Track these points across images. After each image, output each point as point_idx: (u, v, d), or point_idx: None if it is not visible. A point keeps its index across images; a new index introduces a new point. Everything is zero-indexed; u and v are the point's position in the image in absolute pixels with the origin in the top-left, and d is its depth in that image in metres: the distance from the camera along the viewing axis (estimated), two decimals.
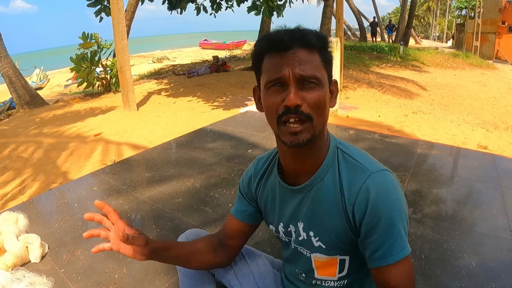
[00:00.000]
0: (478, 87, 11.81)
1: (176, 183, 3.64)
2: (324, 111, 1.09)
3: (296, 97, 1.02)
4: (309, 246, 1.26)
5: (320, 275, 1.31)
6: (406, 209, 1.11)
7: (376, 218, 1.06)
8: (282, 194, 1.30)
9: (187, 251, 1.45)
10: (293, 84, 1.03)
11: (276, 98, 1.06)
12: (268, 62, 1.08)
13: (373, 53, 17.70)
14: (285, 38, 1.05)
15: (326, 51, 1.10)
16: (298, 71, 1.03)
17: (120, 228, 1.20)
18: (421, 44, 35.64)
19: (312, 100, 1.04)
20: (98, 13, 9.55)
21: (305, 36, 1.05)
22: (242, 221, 1.47)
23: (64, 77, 21.25)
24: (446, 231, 2.69)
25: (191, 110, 7.63)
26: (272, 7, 9.33)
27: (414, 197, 3.23)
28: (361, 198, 1.08)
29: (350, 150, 1.20)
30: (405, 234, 1.10)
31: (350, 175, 1.13)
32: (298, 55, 1.04)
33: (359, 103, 7.80)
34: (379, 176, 1.09)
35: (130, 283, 2.23)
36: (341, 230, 1.15)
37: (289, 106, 1.03)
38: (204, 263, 1.48)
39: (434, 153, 4.39)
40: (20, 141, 6.48)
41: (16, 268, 2.34)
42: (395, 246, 1.07)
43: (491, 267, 2.30)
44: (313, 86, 1.05)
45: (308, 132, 1.06)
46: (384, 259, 1.08)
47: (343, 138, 4.85)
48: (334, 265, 1.26)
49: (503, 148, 5.34)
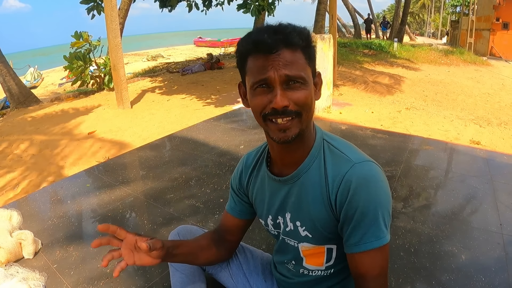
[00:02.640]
0: (472, 83, 11.86)
1: (168, 179, 3.65)
2: (311, 106, 1.11)
3: (282, 99, 1.04)
4: (296, 236, 1.29)
5: (308, 264, 1.33)
6: (387, 201, 1.12)
7: (354, 207, 1.09)
8: (271, 186, 1.32)
9: (193, 247, 1.48)
10: (278, 85, 1.05)
11: (262, 99, 1.08)
12: (252, 63, 1.09)
13: (367, 50, 17.71)
14: (269, 40, 1.05)
15: (309, 48, 1.11)
16: (283, 72, 1.04)
17: (131, 241, 1.21)
18: (416, 41, 35.76)
19: (299, 99, 1.07)
20: (90, 10, 9.52)
21: (288, 36, 1.06)
22: (237, 217, 1.51)
23: (58, 76, 21.16)
24: (436, 225, 2.72)
25: (184, 108, 7.62)
26: (263, 5, 9.30)
27: (405, 192, 3.25)
28: (343, 187, 1.10)
29: (336, 142, 1.22)
30: (384, 225, 1.10)
31: (334, 165, 1.15)
32: (283, 56, 1.05)
33: (353, 100, 7.81)
34: (361, 167, 1.11)
35: (122, 277, 2.25)
36: (326, 219, 1.18)
37: (276, 108, 1.05)
38: (209, 258, 1.53)
39: (426, 148, 4.42)
40: (13, 139, 6.47)
41: (10, 264, 2.35)
42: (369, 235, 1.09)
43: (481, 261, 2.32)
44: (299, 85, 1.07)
45: (296, 127, 1.09)
46: (357, 245, 1.11)
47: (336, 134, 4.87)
48: (321, 254, 1.28)
49: (496, 143, 5.37)
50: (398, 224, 2.74)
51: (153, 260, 1.25)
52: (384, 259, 1.13)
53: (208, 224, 2.81)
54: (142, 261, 1.23)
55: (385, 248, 1.11)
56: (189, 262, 1.53)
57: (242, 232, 1.57)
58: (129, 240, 1.21)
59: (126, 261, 1.20)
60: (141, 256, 1.23)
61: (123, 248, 1.20)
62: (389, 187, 1.16)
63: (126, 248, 1.21)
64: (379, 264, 1.13)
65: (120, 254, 1.19)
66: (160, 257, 1.27)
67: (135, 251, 1.22)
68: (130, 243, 1.21)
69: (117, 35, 7.61)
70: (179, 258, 1.42)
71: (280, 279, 1.51)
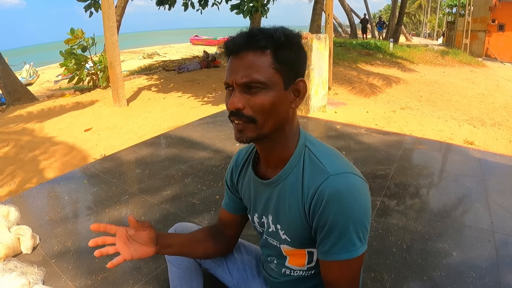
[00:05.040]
0: (467, 84, 11.90)
1: (164, 176, 3.68)
2: (272, 113, 1.09)
3: (236, 102, 1.07)
4: (277, 238, 1.31)
5: (290, 264, 1.36)
6: (361, 214, 1.09)
7: (325, 219, 1.09)
8: (256, 186, 1.35)
9: (188, 239, 1.49)
10: (236, 89, 1.08)
11: (227, 100, 1.11)
12: (227, 64, 1.13)
13: (362, 50, 17.73)
14: (234, 43, 1.08)
15: (283, 51, 1.08)
16: (240, 79, 1.06)
17: (123, 233, 1.23)
18: (412, 41, 35.81)
19: (255, 104, 1.07)
20: (87, 8, 9.49)
21: (252, 38, 1.06)
22: (232, 213, 1.53)
23: (54, 72, 21.10)
24: (428, 223, 2.76)
25: (180, 106, 7.64)
26: (256, 6, 9.29)
27: (398, 190, 3.30)
28: (316, 199, 1.10)
29: (317, 149, 1.20)
30: (358, 238, 1.09)
31: (311, 176, 1.14)
32: (245, 59, 1.06)
33: (348, 99, 7.85)
34: (336, 179, 1.08)
35: (120, 271, 2.28)
36: (301, 226, 1.19)
37: (231, 110, 1.09)
38: (206, 251, 1.53)
39: (419, 147, 4.47)
40: (9, 136, 6.48)
41: (8, 258, 2.38)
42: (338, 247, 1.10)
43: (472, 257, 2.37)
44: (257, 90, 1.07)
45: (252, 131, 1.10)
46: (326, 254, 1.13)
47: (330, 133, 4.97)
48: (303, 256, 1.31)
49: (489, 143, 5.42)
50: (391, 221, 2.78)
51: (148, 250, 1.26)
52: (353, 270, 1.14)
53: (205, 221, 2.84)
54: (138, 253, 1.24)
55: (356, 260, 1.11)
56: (185, 254, 1.53)
57: (240, 227, 1.58)
58: (120, 232, 1.23)
59: (124, 256, 1.21)
60: (137, 248, 1.24)
61: (118, 242, 1.22)
62: (370, 198, 1.14)
63: (120, 241, 1.23)
64: (347, 275, 1.14)
65: (116, 249, 1.21)
66: (154, 244, 1.28)
67: (130, 243, 1.24)
68: (122, 235, 1.23)
69: (113, 32, 7.61)
70: (174, 249, 1.41)
71: (266, 277, 1.54)
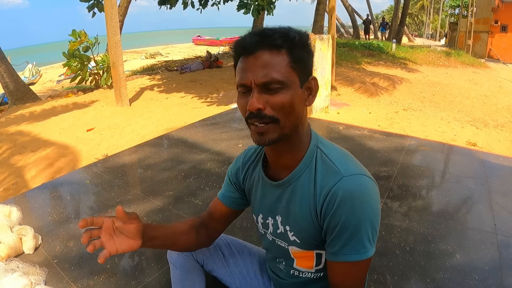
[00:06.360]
0: (470, 85, 11.87)
1: (167, 176, 3.67)
2: (292, 111, 1.09)
3: (256, 102, 1.05)
4: (286, 239, 1.30)
5: (298, 266, 1.35)
6: (372, 216, 1.09)
7: (337, 220, 1.08)
8: (264, 187, 1.33)
9: (172, 230, 1.45)
10: (255, 89, 1.06)
11: (243, 102, 1.09)
12: (238, 65, 1.11)
13: (365, 51, 17.73)
14: (248, 42, 1.06)
15: (297, 50, 1.08)
16: (259, 78, 1.04)
17: (109, 225, 1.17)
18: (414, 42, 35.76)
19: (276, 103, 1.06)
20: (90, 8, 9.51)
21: (268, 37, 1.05)
22: (227, 206, 1.51)
23: (56, 72, 21.15)
24: (431, 225, 2.75)
25: (183, 106, 7.64)
26: (262, 5, 9.29)
27: (401, 191, 3.29)
28: (329, 200, 1.09)
29: (329, 150, 1.20)
30: (368, 240, 1.09)
31: (324, 176, 1.14)
32: (262, 59, 1.05)
33: (351, 100, 7.84)
34: (350, 180, 1.08)
35: (122, 272, 2.28)
36: (311, 227, 1.19)
37: (251, 111, 1.06)
38: (188, 243, 1.50)
39: (422, 149, 4.45)
40: (11, 135, 6.48)
41: (10, 259, 2.38)
42: (348, 248, 1.09)
43: (475, 260, 2.36)
44: (277, 89, 1.05)
45: (274, 132, 1.08)
46: (335, 255, 1.12)
47: (333, 134, 4.96)
48: (311, 258, 1.30)
49: (492, 145, 5.41)
50: (394, 223, 2.77)
51: (134, 243, 1.20)
52: (361, 272, 1.14)
53: None
54: (123, 246, 1.18)
55: (364, 262, 1.11)
56: (167, 247, 1.48)
57: (227, 222, 1.56)
58: (107, 224, 1.16)
59: (109, 250, 1.15)
60: (122, 241, 1.18)
61: (103, 235, 1.15)
62: (380, 200, 1.14)
63: (106, 234, 1.16)
64: (355, 277, 1.14)
65: (101, 243, 1.15)
66: (140, 237, 1.23)
67: (116, 236, 1.18)
68: (109, 227, 1.16)
69: (116, 32, 7.62)
70: (157, 241, 1.36)
71: (273, 278, 1.52)
